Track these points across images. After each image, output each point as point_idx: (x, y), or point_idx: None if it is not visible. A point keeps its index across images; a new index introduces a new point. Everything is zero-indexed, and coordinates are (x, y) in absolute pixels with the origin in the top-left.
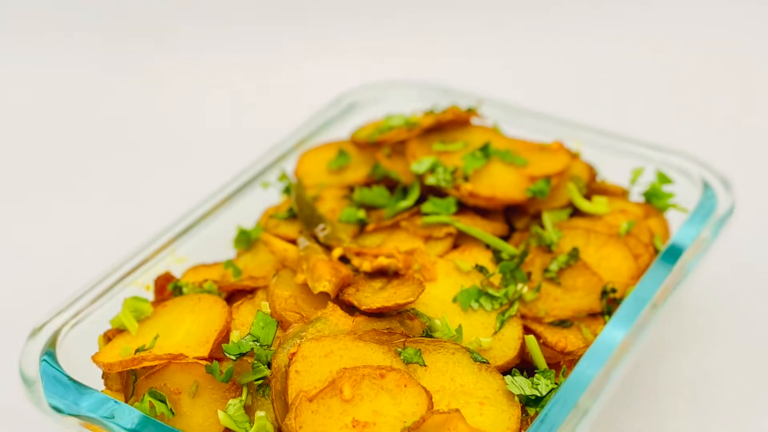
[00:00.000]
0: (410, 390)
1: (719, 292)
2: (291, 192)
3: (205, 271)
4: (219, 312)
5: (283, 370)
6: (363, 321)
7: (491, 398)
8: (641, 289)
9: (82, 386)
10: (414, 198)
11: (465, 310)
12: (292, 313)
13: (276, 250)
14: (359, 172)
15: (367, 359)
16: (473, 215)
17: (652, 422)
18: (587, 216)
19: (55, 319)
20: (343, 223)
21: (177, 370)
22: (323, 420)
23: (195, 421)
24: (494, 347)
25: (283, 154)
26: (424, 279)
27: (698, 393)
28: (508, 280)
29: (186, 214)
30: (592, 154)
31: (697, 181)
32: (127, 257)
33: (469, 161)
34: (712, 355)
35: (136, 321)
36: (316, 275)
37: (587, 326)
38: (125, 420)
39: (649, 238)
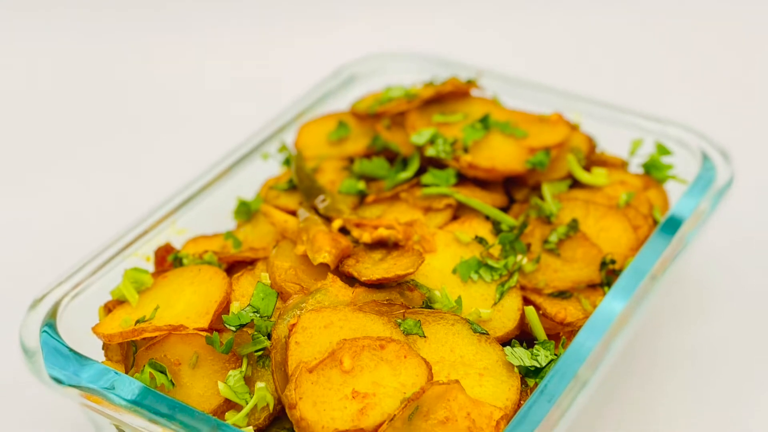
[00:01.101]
0: (410, 361)
1: (718, 263)
2: (291, 163)
3: (205, 243)
4: (219, 283)
5: (283, 341)
6: (363, 292)
7: (491, 369)
8: (640, 260)
9: (83, 357)
10: (414, 169)
11: (464, 281)
12: (292, 285)
13: (276, 222)
14: (359, 143)
15: (367, 330)
16: (473, 187)
17: (650, 393)
18: (586, 187)
19: (56, 291)
20: (343, 194)
21: (177, 342)
22: (323, 391)
23: (195, 392)
24: (494, 318)
25: (283, 125)
26: (423, 250)
27: (697, 364)
28: (508, 251)
29: (186, 186)
30: (592, 126)
31: (696, 153)
32: (127, 228)
33: (468, 133)
34: (711, 327)
35: (137, 292)
36: (316, 246)
37: (586, 297)
38: (125, 391)
39: (648, 209)
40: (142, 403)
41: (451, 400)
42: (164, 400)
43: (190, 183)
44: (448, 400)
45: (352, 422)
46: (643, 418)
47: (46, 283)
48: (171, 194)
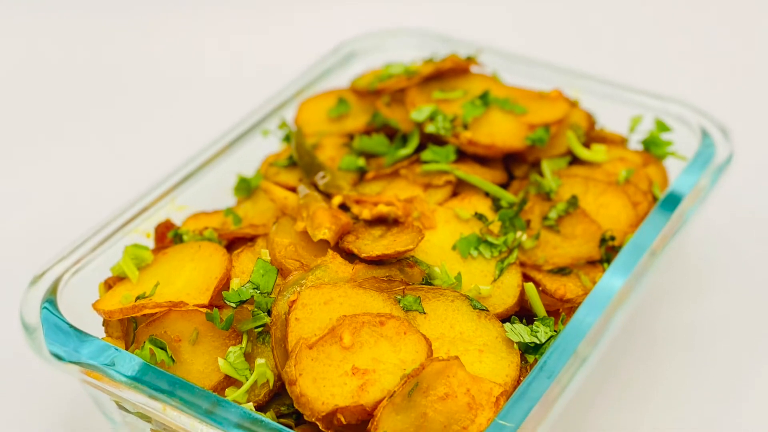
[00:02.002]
0: (410, 337)
1: (718, 240)
2: (291, 140)
3: (205, 219)
4: (219, 260)
5: (283, 318)
6: (363, 268)
7: (490, 345)
8: (640, 236)
9: (83, 333)
10: (413, 146)
11: (464, 257)
12: (292, 261)
13: (276, 198)
14: (359, 120)
15: (367, 307)
16: (472, 163)
17: (650, 369)
18: (586, 164)
19: (56, 267)
20: (343, 171)
21: (177, 318)
22: (323, 367)
23: (195, 369)
24: (493, 295)
25: (283, 102)
26: (423, 227)
27: (696, 340)
28: (507, 227)
29: (186, 162)
30: (591, 102)
31: (695, 130)
32: (127, 205)
33: (468, 109)
34: (711, 303)
35: (137, 268)
36: (316, 223)
37: (586, 274)
38: (125, 367)
39: (648, 186)
40: (142, 380)
41: (450, 377)
42: (164, 376)
43: (190, 159)
44: (448, 376)
45: (352, 398)
46: (643, 393)
47: (46, 259)
48: (171, 171)
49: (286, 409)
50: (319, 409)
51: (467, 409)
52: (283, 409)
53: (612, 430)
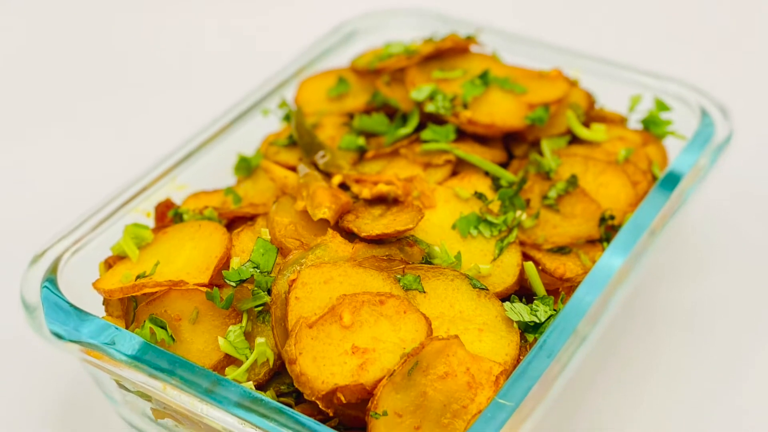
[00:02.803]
0: (409, 316)
1: (717, 219)
2: (291, 119)
3: (205, 198)
4: (219, 239)
5: (283, 297)
6: (362, 248)
7: (490, 324)
8: (639, 216)
9: (83, 312)
10: (413, 125)
11: (464, 236)
12: (292, 240)
13: (276, 177)
14: (359, 99)
15: (367, 286)
16: (472, 142)
17: (650, 348)
18: (586, 143)
19: (56, 246)
20: (343, 150)
21: (177, 297)
22: (323, 346)
23: (195, 348)
24: (493, 274)
25: (283, 81)
26: (423, 206)
27: (696, 319)
28: (507, 207)
29: (186, 141)
30: (591, 82)
31: (695, 109)
32: (127, 184)
33: (468, 89)
34: (710, 282)
35: (137, 248)
36: (316, 202)
37: (586, 253)
38: (126, 346)
39: (648, 165)
40: (142, 359)
41: (450, 356)
42: (164, 355)
43: (190, 139)
44: (448, 355)
45: (352, 377)
46: (642, 372)
47: (46, 238)
48: (171, 150)
49: (286, 388)
50: (319, 388)
51: (467, 388)
52: (283, 388)
53: (612, 408)
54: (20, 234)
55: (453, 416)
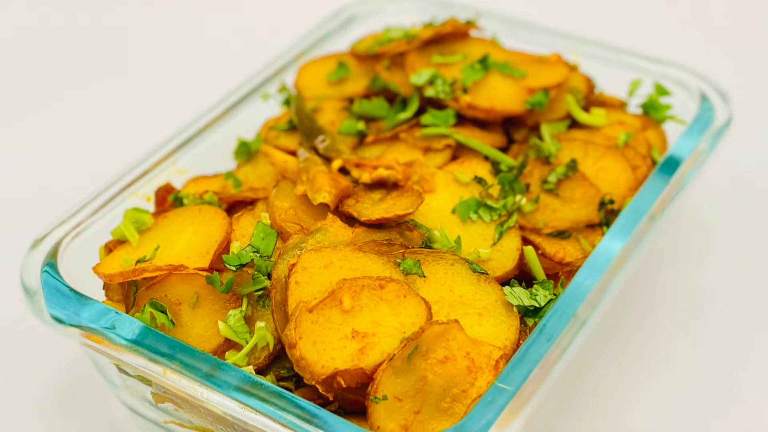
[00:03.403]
0: (409, 301)
1: (716, 203)
2: (291, 104)
3: (205, 183)
4: (219, 223)
5: (283, 281)
6: (362, 232)
7: (490, 309)
8: (639, 200)
9: (83, 297)
10: (413, 110)
11: (464, 221)
12: (291, 224)
13: (276, 162)
14: (359, 84)
15: (367, 270)
16: (472, 127)
17: (649, 332)
18: (585, 128)
19: (57, 230)
20: (343, 134)
21: (177, 281)
22: (323, 330)
23: (195, 332)
24: (493, 258)
25: (283, 66)
26: (423, 190)
27: (695, 303)
28: (507, 191)
29: (186, 126)
30: (591, 67)
31: (694, 93)
32: (128, 168)
33: (467, 73)
34: (710, 266)
35: (137, 232)
36: (316, 186)
37: (585, 237)
38: (126, 330)
39: (647, 149)
40: (142, 343)
41: (450, 340)
42: (164, 339)
43: (190, 123)
44: (448, 339)
45: (352, 362)
46: (642, 356)
47: (47, 223)
48: (172, 134)
49: (286, 373)
50: (319, 372)
51: (467, 373)
52: (283, 372)
53: (611, 392)
54: (20, 218)
55: (453, 400)
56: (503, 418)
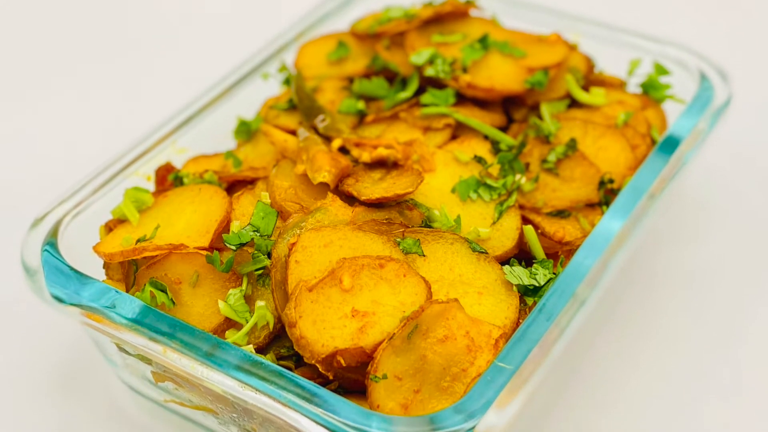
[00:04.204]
0: (409, 280)
1: (716, 182)
2: (291, 83)
3: (205, 162)
4: (219, 202)
5: (283, 260)
6: (362, 211)
7: (490, 288)
8: (638, 179)
9: (84, 276)
10: (413, 89)
11: (464, 200)
12: (291, 204)
13: (276, 141)
14: (358, 63)
15: (367, 249)
16: (472, 106)
17: (649, 311)
18: (585, 107)
19: (57, 210)
20: (343, 114)
21: (178, 260)
22: (323, 309)
23: (195, 311)
24: (493, 237)
25: (282, 45)
26: (423, 170)
27: (695, 282)
28: (507, 170)
29: (186, 105)
30: (590, 46)
31: (694, 73)
32: (128, 148)
33: (467, 53)
34: (709, 245)
35: (137, 211)
36: (316, 166)
37: (585, 216)
38: (126, 309)
39: (647, 128)
40: (142, 322)
41: (450, 319)
42: (165, 318)
43: (190, 102)
44: (447, 318)
45: (352, 341)
46: (641, 335)
47: (47, 202)
48: (172, 114)
49: (286, 352)
50: (319, 351)
51: (466, 352)
52: (283, 351)
53: (611, 371)
54: (20, 197)
55: (452, 379)
56: (503, 397)
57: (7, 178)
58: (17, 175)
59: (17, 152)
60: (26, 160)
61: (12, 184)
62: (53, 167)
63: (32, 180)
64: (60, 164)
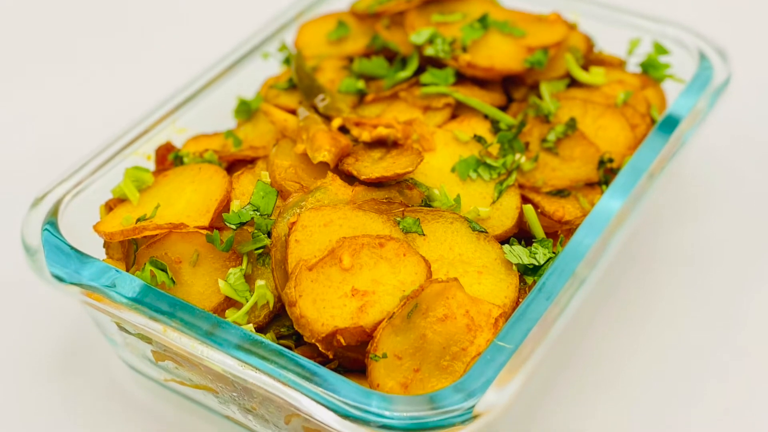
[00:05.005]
0: (409, 259)
1: (715, 162)
2: (291, 63)
3: (205, 141)
4: (219, 182)
5: (282, 240)
6: (362, 190)
7: (489, 267)
8: (638, 159)
9: (84, 255)
10: (413, 69)
11: (463, 179)
12: (291, 183)
13: (276, 120)
14: (358, 43)
15: (367, 228)
16: (471, 86)
17: (648, 290)
18: (584, 86)
19: (57, 189)
20: (343, 93)
21: (178, 240)
22: (323, 289)
23: (195, 290)
24: (492, 217)
25: (283, 25)
26: (422, 149)
27: (695, 262)
28: (506, 150)
29: (187, 85)
30: (590, 25)
31: (693, 52)
32: (128, 127)
33: (467, 32)
34: (709, 225)
35: (137, 190)
36: (316, 145)
37: (584, 196)
38: (126, 289)
39: (646, 108)
40: (142, 301)
41: (449, 298)
42: (165, 297)
43: (190, 82)
44: (447, 297)
45: (352, 320)
46: (641, 314)
47: (47, 181)
48: (172, 93)
49: (285, 331)
50: (319, 330)
51: (466, 331)
52: (282, 330)
53: (610, 350)
54: (21, 177)
55: (452, 358)
56: (502, 376)
57: (7, 157)
58: (17, 154)
59: (17, 131)
60: (26, 140)
61: (12, 163)
62: (53, 147)
63: (32, 159)
64: (60, 143)
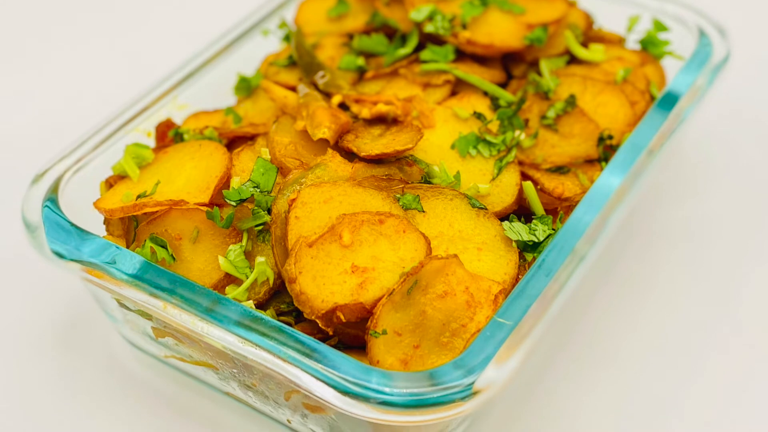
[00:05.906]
0: (409, 236)
1: (715, 139)
2: (291, 40)
3: (205, 118)
4: (219, 158)
5: (282, 216)
6: (362, 167)
7: (489, 244)
8: (638, 135)
9: (84, 232)
10: (412, 46)
11: (463, 156)
12: (291, 160)
13: (276, 97)
14: (358, 19)
15: (366, 205)
16: (471, 63)
17: (647, 267)
18: (584, 63)
19: (58, 166)
20: (343, 70)
21: (178, 216)
22: (322, 265)
23: (195, 267)
24: (492, 193)
25: (283, 2)
26: (422, 126)
27: (695, 238)
28: (506, 126)
29: (187, 62)
30: (589, 2)
31: (693, 29)
32: (128, 104)
33: (467, 9)
34: (708, 201)
35: (138, 167)
36: (316, 122)
37: (584, 172)
38: (126, 265)
39: (646, 85)
40: (142, 278)
41: (449, 275)
42: (165, 274)
43: (191, 59)
44: (447, 274)
45: (352, 296)
46: (640, 291)
47: (47, 158)
48: (172, 70)
49: (285, 307)
50: (319, 306)
51: (466, 307)
52: (282, 307)
53: (610, 327)
54: (21, 153)
55: (452, 335)
56: (502, 352)
57: (7, 133)
58: (18, 130)
59: (18, 108)
60: (27, 116)
61: (12, 140)
62: (53, 123)
63: (33, 136)
64: (60, 120)
